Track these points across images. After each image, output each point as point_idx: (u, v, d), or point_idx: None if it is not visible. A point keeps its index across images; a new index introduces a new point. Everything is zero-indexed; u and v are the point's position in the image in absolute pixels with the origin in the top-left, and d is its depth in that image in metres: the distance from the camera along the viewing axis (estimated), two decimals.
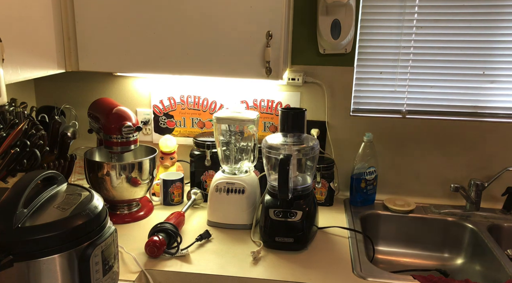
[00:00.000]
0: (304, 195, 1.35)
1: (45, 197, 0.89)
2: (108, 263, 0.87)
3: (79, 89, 1.77)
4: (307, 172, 1.39)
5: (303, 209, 1.30)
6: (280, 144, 1.36)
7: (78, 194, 0.92)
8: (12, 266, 0.75)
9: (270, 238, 1.30)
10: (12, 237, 0.76)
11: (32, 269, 0.78)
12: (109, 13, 1.34)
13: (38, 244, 0.77)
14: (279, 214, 1.30)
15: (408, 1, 1.58)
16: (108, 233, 0.87)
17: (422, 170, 1.68)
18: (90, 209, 0.86)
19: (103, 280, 0.86)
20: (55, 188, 0.93)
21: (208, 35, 1.32)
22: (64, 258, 0.80)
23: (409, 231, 1.57)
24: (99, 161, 1.50)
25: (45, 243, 0.78)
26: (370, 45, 1.63)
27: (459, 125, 1.61)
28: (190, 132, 1.76)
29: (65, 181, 0.96)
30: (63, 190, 0.94)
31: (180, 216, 1.38)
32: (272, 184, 1.37)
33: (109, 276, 0.88)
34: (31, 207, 0.83)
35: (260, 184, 1.51)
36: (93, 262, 0.83)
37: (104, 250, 0.85)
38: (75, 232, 0.81)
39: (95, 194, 0.92)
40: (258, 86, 1.68)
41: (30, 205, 0.83)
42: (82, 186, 0.97)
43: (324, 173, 1.59)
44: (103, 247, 0.85)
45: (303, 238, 1.30)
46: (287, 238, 1.28)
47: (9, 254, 0.75)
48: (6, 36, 1.06)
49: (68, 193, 0.92)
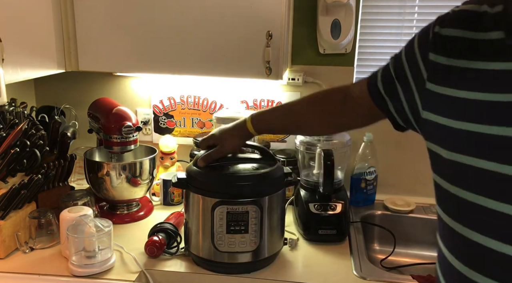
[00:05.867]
0: (337, 189, 1.43)
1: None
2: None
3: (79, 89, 1.77)
4: (338, 166, 1.44)
5: (343, 202, 1.37)
6: (315, 139, 1.44)
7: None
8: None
9: (313, 231, 1.34)
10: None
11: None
12: (109, 13, 1.34)
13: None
14: (319, 208, 1.35)
15: (408, 1, 1.57)
16: None
17: (422, 170, 1.67)
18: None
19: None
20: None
21: (208, 35, 1.32)
22: None
23: (409, 231, 1.57)
24: (99, 161, 1.50)
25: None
26: (370, 45, 1.63)
27: None
28: (190, 132, 1.76)
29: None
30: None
31: (180, 216, 1.38)
32: (308, 179, 1.44)
33: None
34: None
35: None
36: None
37: None
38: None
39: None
40: (258, 86, 1.68)
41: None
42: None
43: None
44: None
45: (346, 229, 1.36)
46: (330, 230, 1.33)
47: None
48: (6, 36, 1.06)
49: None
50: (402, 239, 1.53)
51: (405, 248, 1.56)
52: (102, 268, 1.13)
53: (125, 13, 1.34)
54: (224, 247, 1.13)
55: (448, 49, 0.69)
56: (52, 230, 1.26)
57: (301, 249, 1.30)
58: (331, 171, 1.31)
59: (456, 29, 0.68)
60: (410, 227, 1.57)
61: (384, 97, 0.84)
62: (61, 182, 1.40)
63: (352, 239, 1.37)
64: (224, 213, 1.10)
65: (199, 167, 1.15)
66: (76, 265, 1.12)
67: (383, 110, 0.86)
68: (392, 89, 0.81)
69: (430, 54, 0.71)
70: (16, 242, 1.22)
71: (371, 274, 1.18)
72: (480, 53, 0.64)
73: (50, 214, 1.26)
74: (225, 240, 1.12)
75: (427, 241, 1.57)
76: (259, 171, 1.15)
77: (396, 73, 0.80)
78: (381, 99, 0.85)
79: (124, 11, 1.34)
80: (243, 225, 1.11)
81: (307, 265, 1.22)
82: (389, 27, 1.61)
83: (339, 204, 1.36)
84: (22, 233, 1.23)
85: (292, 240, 1.30)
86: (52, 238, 1.26)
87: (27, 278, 1.12)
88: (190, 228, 1.18)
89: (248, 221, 1.11)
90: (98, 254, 1.14)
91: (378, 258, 1.51)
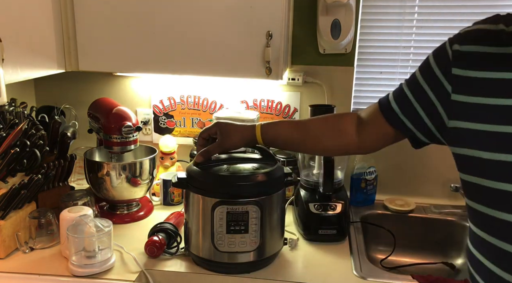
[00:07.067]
0: (337, 189, 1.43)
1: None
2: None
3: (79, 89, 1.77)
4: (337, 166, 1.44)
5: (343, 202, 1.38)
6: None
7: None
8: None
9: (313, 231, 1.34)
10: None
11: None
12: (109, 13, 1.34)
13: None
14: (319, 207, 1.35)
15: (408, 1, 1.57)
16: None
17: (422, 170, 1.68)
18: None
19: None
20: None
21: (208, 35, 1.32)
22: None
23: (409, 231, 1.57)
24: (99, 161, 1.50)
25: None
26: (370, 45, 1.63)
27: None
28: (190, 132, 1.76)
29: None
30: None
31: (180, 216, 1.38)
32: (308, 179, 1.44)
33: None
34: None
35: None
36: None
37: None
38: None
39: None
40: (258, 86, 1.68)
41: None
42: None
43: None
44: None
45: (346, 229, 1.36)
46: (330, 230, 1.33)
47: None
48: (6, 36, 1.06)
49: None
50: (402, 239, 1.53)
51: (405, 248, 1.56)
52: (102, 268, 1.13)
53: (125, 13, 1.34)
54: (224, 247, 1.13)
55: (470, 63, 0.78)
56: (52, 230, 1.26)
57: (301, 249, 1.30)
58: (331, 171, 1.31)
59: (477, 45, 0.78)
60: (410, 227, 1.57)
61: (400, 118, 0.92)
62: (61, 182, 1.40)
63: (352, 239, 1.37)
64: (224, 213, 1.10)
65: (197, 163, 1.15)
66: (76, 265, 1.12)
67: (402, 129, 0.93)
68: (410, 109, 0.89)
69: (454, 69, 0.80)
70: (16, 242, 1.22)
71: (371, 274, 1.18)
72: (505, 64, 0.74)
73: (50, 214, 1.26)
74: (225, 240, 1.12)
75: (427, 241, 1.57)
76: (259, 171, 1.15)
77: (414, 93, 0.89)
78: (397, 120, 0.92)
79: (124, 11, 1.34)
80: (243, 225, 1.11)
81: (307, 265, 1.22)
82: (389, 27, 1.61)
83: (339, 204, 1.36)
84: (22, 233, 1.23)
85: (292, 240, 1.30)
86: (52, 238, 1.26)
87: (27, 278, 1.12)
88: (190, 228, 1.18)
89: (248, 221, 1.11)
90: (98, 254, 1.14)
91: (378, 258, 1.51)
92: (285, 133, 1.11)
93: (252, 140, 1.12)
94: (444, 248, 1.56)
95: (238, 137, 1.13)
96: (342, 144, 1.06)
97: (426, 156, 1.65)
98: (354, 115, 1.05)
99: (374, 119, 0.98)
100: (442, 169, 1.65)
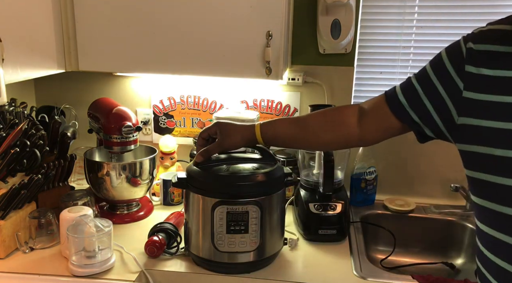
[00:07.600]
0: (337, 189, 1.43)
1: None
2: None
3: (79, 89, 1.77)
4: (337, 166, 1.44)
5: (343, 202, 1.37)
6: None
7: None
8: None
9: (313, 231, 1.34)
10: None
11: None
12: (109, 13, 1.34)
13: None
14: (319, 207, 1.35)
15: (408, 1, 1.57)
16: None
17: (422, 170, 1.68)
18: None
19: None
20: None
21: (208, 35, 1.32)
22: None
23: (409, 231, 1.57)
24: (99, 161, 1.50)
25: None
26: (370, 45, 1.63)
27: None
28: (190, 132, 1.76)
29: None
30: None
31: (180, 216, 1.38)
32: (308, 179, 1.44)
33: None
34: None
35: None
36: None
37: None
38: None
39: None
40: (258, 86, 1.68)
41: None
42: None
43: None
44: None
45: (346, 229, 1.36)
46: (330, 230, 1.33)
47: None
48: (6, 36, 1.06)
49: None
50: (402, 239, 1.53)
51: (405, 248, 1.56)
52: (102, 268, 1.13)
53: (125, 13, 1.34)
54: (224, 247, 1.13)
55: (484, 61, 0.79)
56: (52, 230, 1.26)
57: (301, 249, 1.30)
58: (331, 171, 1.31)
59: (490, 44, 0.79)
60: (410, 227, 1.57)
61: (407, 110, 0.92)
62: (61, 182, 1.40)
63: (352, 239, 1.37)
64: (224, 213, 1.10)
65: (197, 162, 1.15)
66: (76, 265, 1.12)
67: (408, 122, 0.93)
68: (418, 103, 0.89)
69: (467, 66, 0.81)
70: (16, 242, 1.22)
71: (371, 274, 1.18)
72: None
73: (50, 214, 1.26)
74: (225, 240, 1.12)
75: (427, 241, 1.57)
76: (259, 171, 1.15)
77: (423, 87, 0.89)
78: (404, 112, 0.92)
79: (124, 11, 1.34)
80: (243, 225, 1.11)
81: (307, 265, 1.22)
82: (389, 27, 1.61)
83: (339, 204, 1.36)
84: (22, 233, 1.23)
85: (292, 240, 1.30)
86: (52, 238, 1.26)
87: (27, 278, 1.12)
88: (190, 228, 1.18)
89: (248, 221, 1.11)
90: (98, 254, 1.14)
91: (378, 258, 1.51)
92: (285, 130, 1.11)
93: (252, 140, 1.12)
94: (444, 248, 1.56)
95: (238, 137, 1.13)
96: (342, 135, 1.05)
97: (426, 156, 1.65)
98: (355, 107, 1.05)
99: (379, 111, 0.97)
100: (442, 169, 1.65)
